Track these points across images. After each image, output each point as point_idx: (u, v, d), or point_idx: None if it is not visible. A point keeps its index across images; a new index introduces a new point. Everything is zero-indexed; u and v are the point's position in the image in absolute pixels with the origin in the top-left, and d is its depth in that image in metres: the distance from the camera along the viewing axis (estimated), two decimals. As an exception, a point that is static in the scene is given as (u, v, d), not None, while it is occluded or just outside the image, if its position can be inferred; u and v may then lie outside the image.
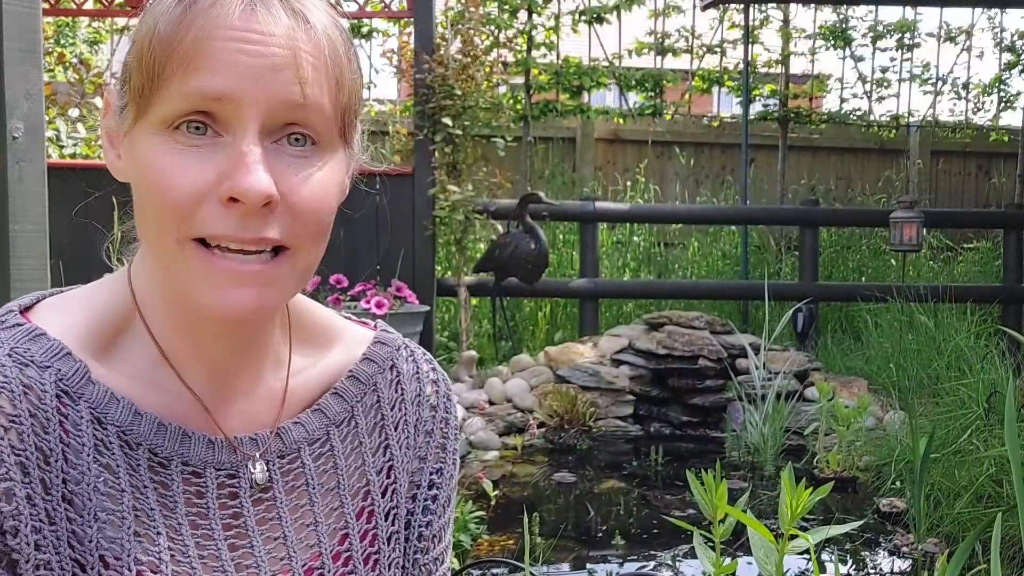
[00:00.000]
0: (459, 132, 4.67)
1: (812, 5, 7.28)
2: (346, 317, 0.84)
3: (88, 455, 0.63)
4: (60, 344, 0.65)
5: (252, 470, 0.70)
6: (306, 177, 0.64)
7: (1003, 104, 8.02)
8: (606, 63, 7.01)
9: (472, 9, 4.81)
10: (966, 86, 7.91)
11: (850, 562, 2.81)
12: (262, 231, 0.62)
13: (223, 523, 0.68)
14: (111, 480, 0.64)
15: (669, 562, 2.76)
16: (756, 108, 7.62)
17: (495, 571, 2.65)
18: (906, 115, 7.88)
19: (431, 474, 0.80)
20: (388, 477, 0.77)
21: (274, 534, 0.71)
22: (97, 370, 0.66)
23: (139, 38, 0.63)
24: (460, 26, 4.77)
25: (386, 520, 0.77)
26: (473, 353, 4.73)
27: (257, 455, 0.71)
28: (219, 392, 0.71)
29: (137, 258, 0.71)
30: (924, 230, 5.38)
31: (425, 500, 0.79)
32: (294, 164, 0.64)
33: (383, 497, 0.77)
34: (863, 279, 6.60)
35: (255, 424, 0.72)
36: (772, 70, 7.62)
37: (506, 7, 6.15)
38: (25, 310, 0.68)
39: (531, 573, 2.10)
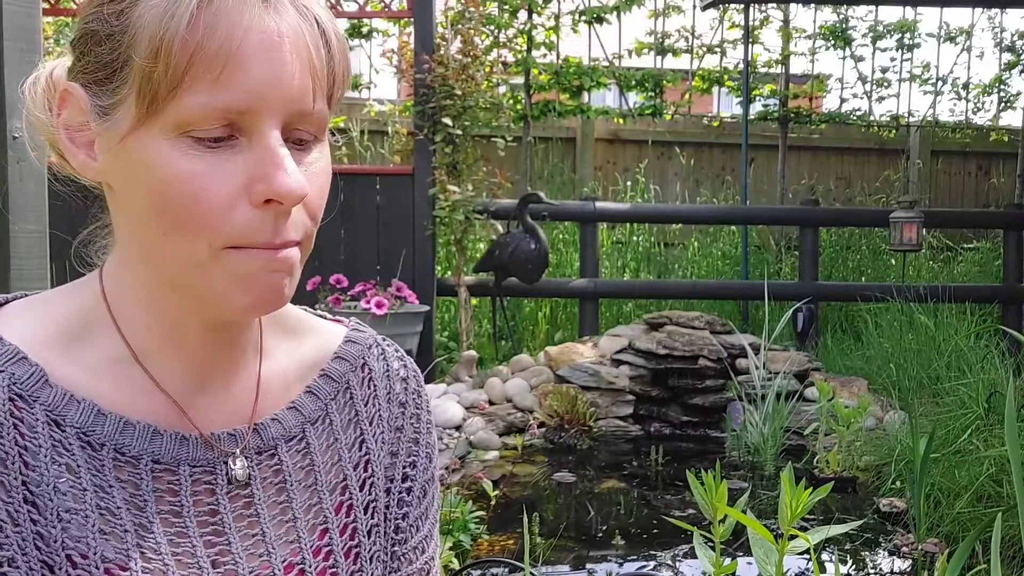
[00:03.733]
0: (459, 132, 4.67)
1: (812, 5, 7.28)
2: (319, 315, 0.84)
3: (45, 456, 0.63)
4: (15, 348, 0.64)
5: (232, 466, 0.70)
6: (312, 171, 0.65)
7: (1003, 104, 8.03)
8: (606, 63, 7.01)
9: (472, 9, 4.81)
10: (966, 86, 7.91)
11: (850, 562, 2.81)
12: (288, 233, 0.63)
13: (199, 520, 0.68)
14: (72, 480, 0.63)
15: (669, 562, 2.76)
16: (756, 108, 7.62)
17: (495, 571, 2.65)
18: (906, 115, 7.88)
19: (404, 467, 0.81)
20: (365, 471, 0.78)
21: (252, 531, 0.70)
22: (60, 371, 0.66)
23: (149, 33, 0.59)
24: (460, 26, 4.77)
25: (365, 513, 0.77)
26: (473, 353, 4.73)
27: (237, 451, 0.71)
28: (195, 388, 0.70)
29: (111, 258, 0.71)
30: (924, 230, 5.38)
31: (400, 492, 0.80)
32: (300, 160, 0.64)
33: (361, 491, 0.77)
34: (863, 279, 6.61)
35: (231, 419, 0.72)
36: (772, 70, 7.63)
37: (506, 7, 6.15)
38: None
39: (531, 573, 2.10)
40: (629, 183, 7.17)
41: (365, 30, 6.75)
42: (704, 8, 7.09)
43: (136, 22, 0.60)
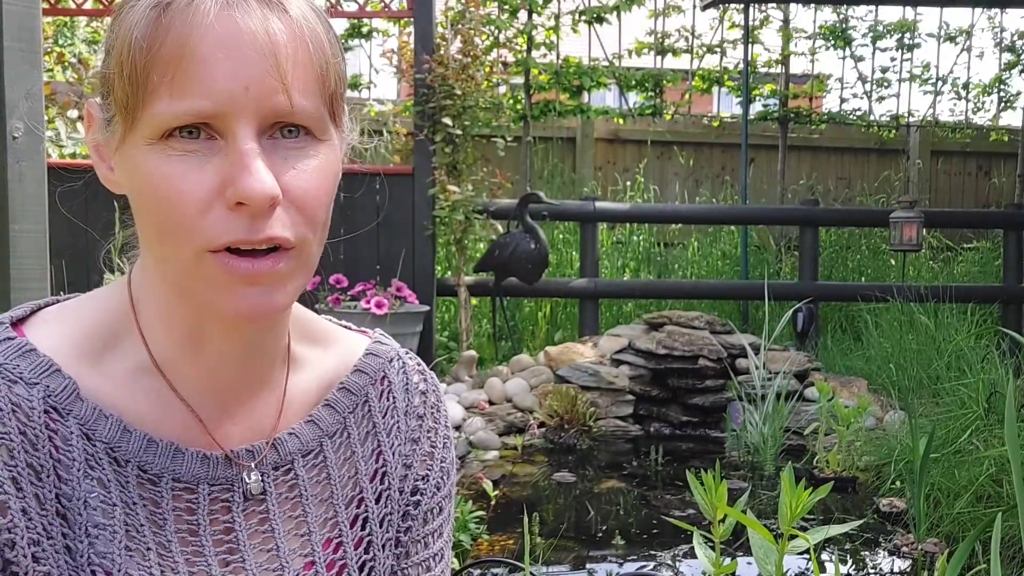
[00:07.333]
0: (459, 132, 4.67)
1: (812, 5, 7.28)
2: (345, 326, 0.83)
3: (79, 470, 0.63)
4: (49, 360, 0.64)
5: (247, 480, 0.70)
6: (304, 168, 0.64)
7: (1003, 104, 8.02)
8: (606, 63, 7.01)
9: (472, 9, 4.81)
10: (966, 86, 7.91)
11: (850, 562, 2.81)
12: (270, 230, 0.61)
13: (214, 539, 0.68)
14: (102, 494, 0.63)
15: (669, 562, 2.76)
16: (756, 108, 7.62)
17: (495, 571, 2.65)
18: (906, 115, 7.88)
19: (415, 480, 0.80)
20: (382, 483, 0.77)
21: (267, 546, 0.70)
22: (89, 383, 0.65)
23: (116, 47, 0.62)
24: (460, 26, 4.77)
25: (381, 527, 0.76)
26: (473, 353, 4.73)
27: (252, 465, 0.71)
28: (218, 400, 0.70)
29: (137, 265, 0.71)
30: (924, 230, 5.38)
31: (407, 506, 0.79)
32: (291, 156, 0.63)
33: (377, 504, 0.76)
34: (863, 279, 6.61)
35: (253, 431, 0.72)
36: (772, 70, 7.63)
37: (506, 7, 6.15)
38: (18, 322, 0.68)
39: (531, 573, 2.10)
40: (629, 183, 7.17)
41: (365, 30, 6.75)
42: (704, 8, 7.08)
43: (115, 36, 0.62)
